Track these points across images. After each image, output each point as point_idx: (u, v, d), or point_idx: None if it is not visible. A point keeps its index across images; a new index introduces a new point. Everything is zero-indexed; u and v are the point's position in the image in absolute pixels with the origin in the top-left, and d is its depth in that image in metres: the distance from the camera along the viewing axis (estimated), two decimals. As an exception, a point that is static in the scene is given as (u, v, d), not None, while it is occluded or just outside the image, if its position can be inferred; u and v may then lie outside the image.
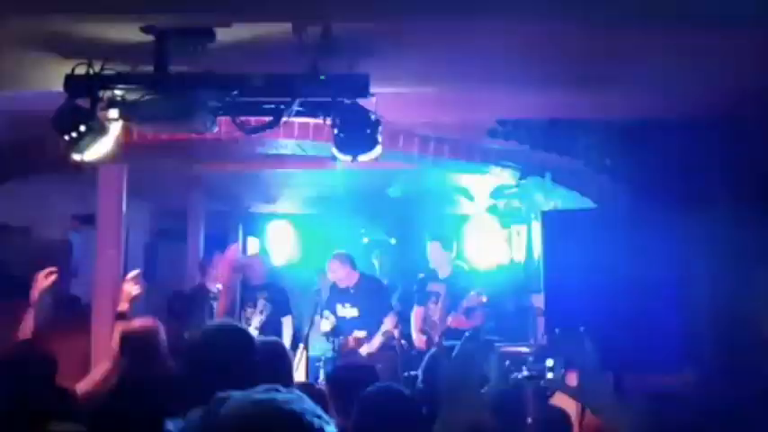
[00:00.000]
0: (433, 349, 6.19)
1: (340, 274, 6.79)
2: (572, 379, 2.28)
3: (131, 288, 4.28)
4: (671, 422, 2.16)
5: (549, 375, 1.74)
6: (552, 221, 4.50)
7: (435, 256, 6.65)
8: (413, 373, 6.18)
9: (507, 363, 1.60)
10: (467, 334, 6.22)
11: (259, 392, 1.15)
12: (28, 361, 3.09)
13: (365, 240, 10.90)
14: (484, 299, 6.19)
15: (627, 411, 1.67)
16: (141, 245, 8.82)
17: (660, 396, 2.49)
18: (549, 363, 1.74)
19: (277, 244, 10.77)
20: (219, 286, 6.23)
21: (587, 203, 5.20)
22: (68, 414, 2.87)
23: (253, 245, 10.51)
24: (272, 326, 6.77)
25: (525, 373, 1.72)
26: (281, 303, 6.99)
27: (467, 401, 1.56)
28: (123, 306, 4.21)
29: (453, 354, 1.77)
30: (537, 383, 1.74)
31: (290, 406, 1.14)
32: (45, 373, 3.07)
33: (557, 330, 1.65)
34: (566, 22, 3.32)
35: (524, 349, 1.63)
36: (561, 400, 2.65)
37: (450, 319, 6.19)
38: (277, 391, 1.16)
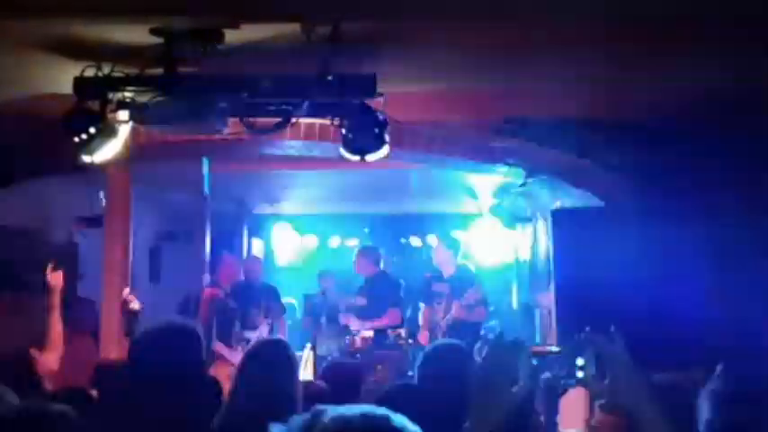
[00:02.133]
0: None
1: (357, 265, 7.09)
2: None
3: (133, 305, 4.29)
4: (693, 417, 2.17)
5: (580, 374, 1.73)
6: (562, 220, 4.50)
7: (439, 255, 6.67)
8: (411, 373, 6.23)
9: (535, 362, 1.58)
10: (484, 332, 6.23)
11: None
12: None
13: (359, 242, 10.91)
14: (480, 296, 6.19)
15: (656, 410, 1.67)
16: (147, 246, 8.83)
17: (680, 392, 2.49)
18: (580, 362, 1.73)
19: (281, 245, 10.82)
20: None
21: (594, 201, 5.20)
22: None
23: (257, 246, 10.54)
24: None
25: (554, 372, 1.71)
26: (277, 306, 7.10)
27: (497, 402, 1.56)
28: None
29: (483, 354, 1.78)
30: (560, 382, 1.74)
31: (400, 420, 1.16)
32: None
33: (587, 329, 1.64)
34: (572, 22, 3.33)
35: (553, 348, 1.63)
36: (572, 398, 2.65)
37: (453, 310, 6.20)
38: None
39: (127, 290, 4.48)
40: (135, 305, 4.33)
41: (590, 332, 1.73)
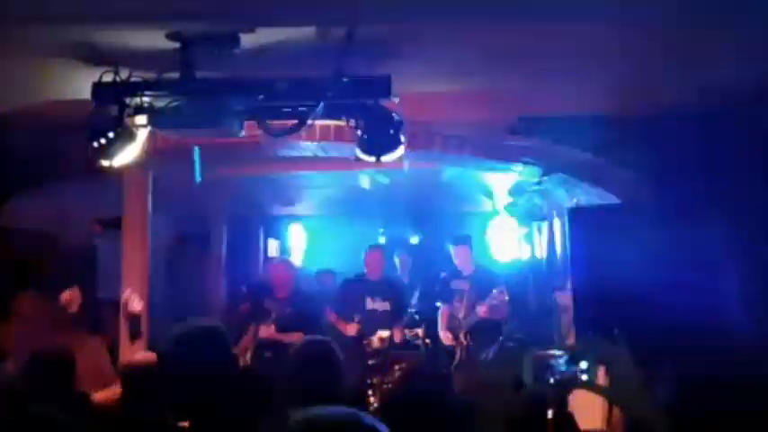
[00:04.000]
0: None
1: (378, 266, 6.80)
2: (601, 377, 2.27)
3: (135, 306, 4.16)
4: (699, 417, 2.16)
5: (584, 378, 1.74)
6: (578, 218, 4.48)
7: (458, 254, 6.67)
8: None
9: (541, 366, 1.60)
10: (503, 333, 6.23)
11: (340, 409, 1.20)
12: (49, 360, 3.19)
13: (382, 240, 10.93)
14: (506, 297, 6.20)
15: (658, 408, 1.68)
16: (164, 249, 8.89)
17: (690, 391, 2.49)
18: (583, 365, 1.74)
19: (297, 246, 10.86)
20: None
21: (610, 199, 5.18)
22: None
23: (273, 247, 10.59)
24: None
25: (558, 376, 1.72)
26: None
27: (503, 404, 1.58)
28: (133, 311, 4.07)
29: (490, 357, 1.80)
30: (563, 385, 1.75)
31: (370, 421, 1.18)
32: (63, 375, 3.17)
33: (590, 333, 1.66)
34: (584, 21, 3.33)
35: (558, 352, 1.63)
36: (583, 397, 2.65)
37: (478, 309, 6.21)
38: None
39: (128, 291, 4.29)
40: (136, 306, 4.16)
41: (594, 336, 1.75)
